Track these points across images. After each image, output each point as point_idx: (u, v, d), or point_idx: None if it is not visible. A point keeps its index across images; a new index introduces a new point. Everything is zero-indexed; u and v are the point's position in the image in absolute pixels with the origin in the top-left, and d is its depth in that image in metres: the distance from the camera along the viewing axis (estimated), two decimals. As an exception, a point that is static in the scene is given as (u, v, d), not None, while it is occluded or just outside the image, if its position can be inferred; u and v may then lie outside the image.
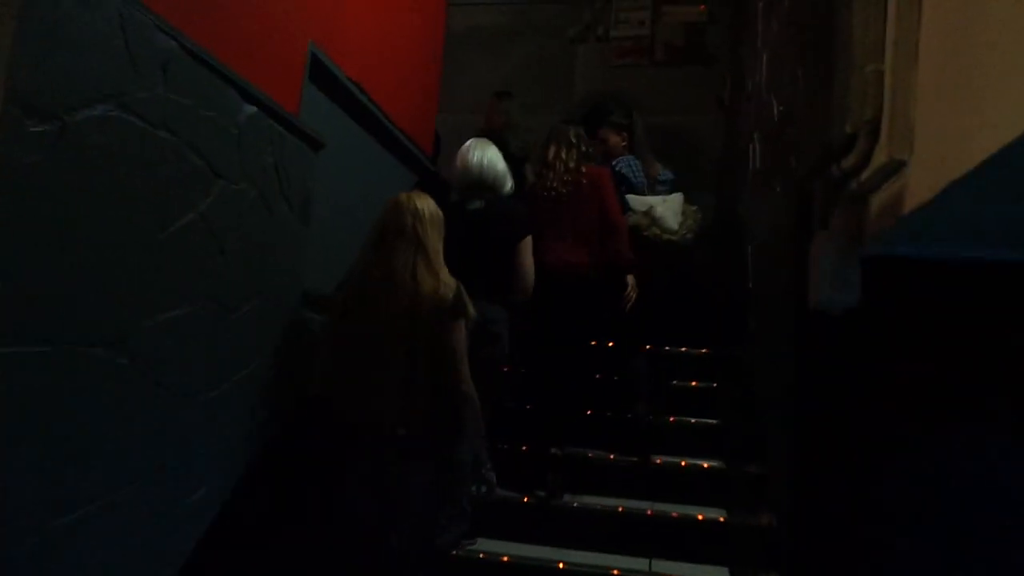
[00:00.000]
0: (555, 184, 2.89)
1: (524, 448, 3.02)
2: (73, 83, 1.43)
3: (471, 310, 2.05)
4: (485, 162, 2.63)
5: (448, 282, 2.03)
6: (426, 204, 2.11)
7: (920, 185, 1.31)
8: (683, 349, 4.43)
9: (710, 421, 3.39)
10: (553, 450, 2.85)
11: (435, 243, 2.07)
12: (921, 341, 1.67)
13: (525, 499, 2.78)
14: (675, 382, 4.00)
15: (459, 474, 2.14)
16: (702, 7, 5.84)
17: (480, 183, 2.61)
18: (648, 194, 3.47)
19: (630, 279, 2.92)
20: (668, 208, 3.32)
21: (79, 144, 1.45)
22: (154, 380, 1.72)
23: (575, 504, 2.79)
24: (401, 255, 2.01)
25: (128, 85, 1.57)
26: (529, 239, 2.58)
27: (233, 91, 1.94)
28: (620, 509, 2.71)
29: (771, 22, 3.04)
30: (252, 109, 2.04)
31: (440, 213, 2.14)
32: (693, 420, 3.64)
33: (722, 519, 2.63)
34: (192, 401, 1.86)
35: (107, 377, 1.57)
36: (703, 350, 4.41)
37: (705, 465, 3.06)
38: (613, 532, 2.62)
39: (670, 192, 3.53)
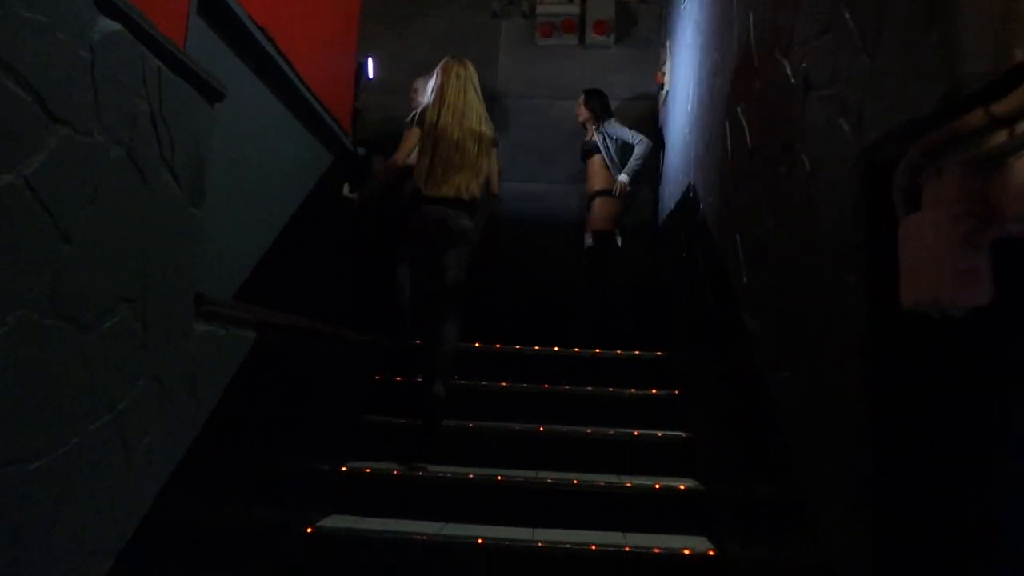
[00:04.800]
0: None
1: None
2: None
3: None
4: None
5: (492, 126, 3.40)
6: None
7: None
8: (636, 353, 4.01)
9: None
10: None
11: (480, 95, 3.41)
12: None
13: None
14: (633, 391, 3.59)
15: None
16: (634, -17, 5.46)
17: None
18: None
19: None
20: None
21: None
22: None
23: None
24: (475, 104, 3.28)
25: None
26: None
27: (80, -10, 1.26)
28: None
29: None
30: (114, 26, 1.35)
31: None
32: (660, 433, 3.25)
33: None
34: (18, 472, 1.18)
35: None
36: (657, 352, 3.99)
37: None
38: None
39: None
